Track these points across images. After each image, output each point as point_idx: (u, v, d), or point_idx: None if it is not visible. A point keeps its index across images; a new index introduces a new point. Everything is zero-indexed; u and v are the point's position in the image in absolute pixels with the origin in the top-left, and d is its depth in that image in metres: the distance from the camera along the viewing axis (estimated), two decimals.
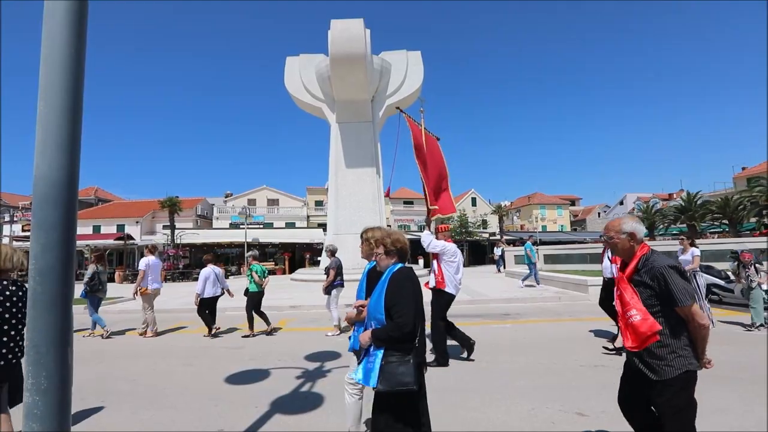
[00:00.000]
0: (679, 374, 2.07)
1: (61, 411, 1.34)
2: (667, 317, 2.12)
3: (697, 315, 2.07)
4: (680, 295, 2.05)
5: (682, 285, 2.07)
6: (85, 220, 34.53)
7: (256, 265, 7.69)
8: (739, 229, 30.83)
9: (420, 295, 2.31)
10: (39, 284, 1.31)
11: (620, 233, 2.30)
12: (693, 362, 2.10)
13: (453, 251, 5.43)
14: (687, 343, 2.12)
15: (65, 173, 1.34)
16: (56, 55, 1.36)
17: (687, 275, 2.17)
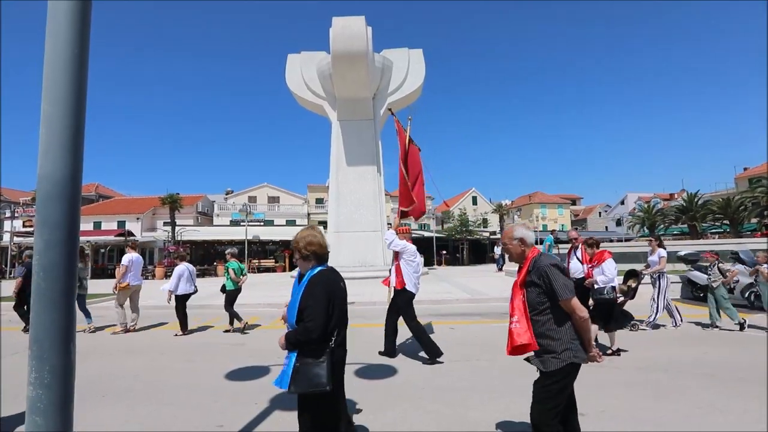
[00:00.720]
0: (564, 366, 2.23)
1: (64, 405, 1.36)
2: (555, 313, 2.28)
3: (576, 308, 2.24)
4: (560, 290, 2.23)
5: (563, 281, 2.25)
6: (86, 216, 34.58)
7: (233, 262, 7.72)
8: (740, 230, 30.81)
9: (338, 298, 2.32)
10: (43, 280, 1.33)
11: (512, 239, 2.49)
12: (579, 355, 2.26)
13: (413, 251, 5.70)
14: (574, 336, 2.27)
15: (69, 172, 1.36)
16: (60, 55, 1.37)
17: (568, 272, 2.33)
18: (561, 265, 2.34)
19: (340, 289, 2.37)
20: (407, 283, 5.47)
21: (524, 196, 59.88)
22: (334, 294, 2.29)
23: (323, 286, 2.28)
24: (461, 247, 39.62)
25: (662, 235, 39.18)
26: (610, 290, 5.34)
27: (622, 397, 3.81)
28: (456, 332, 7.09)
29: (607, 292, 5.33)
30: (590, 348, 2.31)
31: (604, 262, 5.45)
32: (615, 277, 5.41)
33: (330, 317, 2.25)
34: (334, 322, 2.25)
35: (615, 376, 4.48)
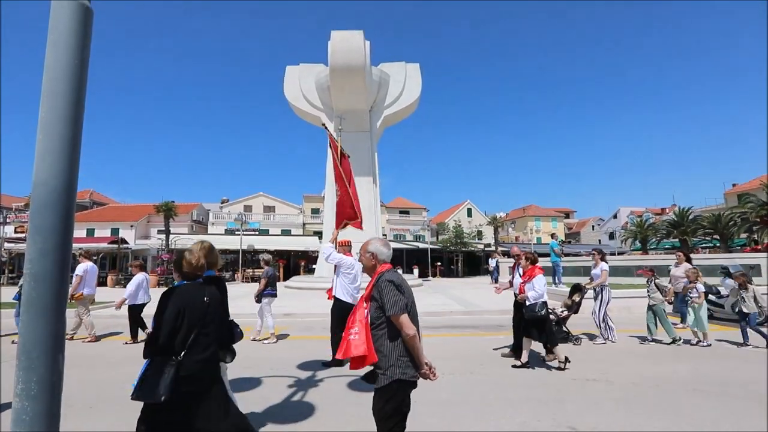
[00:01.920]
0: (390, 383, 2.22)
1: (50, 417, 1.33)
2: (389, 328, 2.29)
3: (404, 326, 2.24)
4: (389, 305, 2.25)
5: (393, 297, 2.27)
6: (80, 222, 34.20)
7: None
8: (729, 245, 31.13)
9: (194, 312, 2.35)
10: (33, 289, 1.31)
11: (366, 252, 2.56)
12: (407, 372, 2.25)
13: (350, 264, 5.91)
14: (403, 353, 2.26)
15: (64, 180, 1.36)
16: (60, 63, 1.38)
17: (404, 290, 2.34)
18: (398, 282, 2.34)
19: (199, 303, 2.40)
20: (343, 294, 5.73)
21: (518, 209, 60.24)
22: (187, 307, 2.33)
23: (173, 299, 2.35)
24: (456, 259, 39.59)
25: (653, 249, 39.54)
26: (540, 306, 5.35)
27: (615, 414, 3.79)
28: (450, 344, 7.05)
29: (538, 308, 5.34)
30: (422, 365, 2.30)
31: (534, 278, 5.48)
32: (545, 293, 5.45)
33: (177, 330, 2.29)
34: (183, 334, 2.29)
35: (608, 392, 4.46)
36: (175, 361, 2.24)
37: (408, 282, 2.46)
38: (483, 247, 40.95)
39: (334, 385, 4.73)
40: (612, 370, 5.28)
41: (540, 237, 52.59)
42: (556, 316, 7.12)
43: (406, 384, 2.26)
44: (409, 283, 2.49)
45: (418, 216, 48.48)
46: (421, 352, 2.30)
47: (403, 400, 2.29)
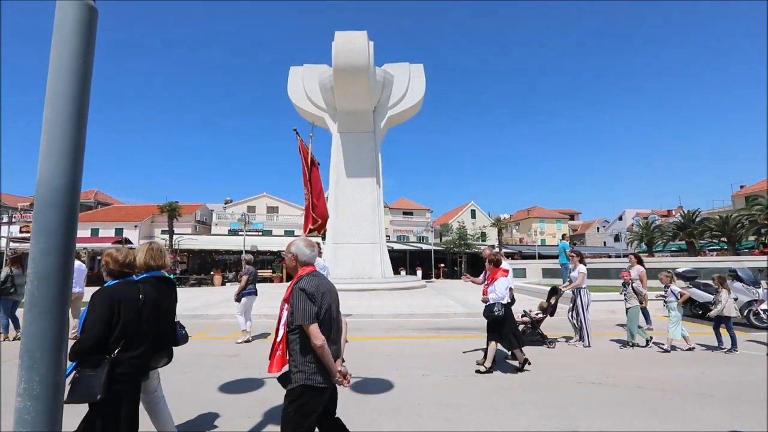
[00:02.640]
0: (295, 387, 2.27)
1: (52, 417, 1.33)
2: (302, 333, 2.28)
3: (311, 335, 2.23)
4: (296, 314, 2.25)
5: (302, 306, 2.25)
6: (84, 222, 34.44)
7: None
8: (737, 248, 30.85)
9: (128, 311, 2.36)
10: (37, 288, 1.31)
11: (288, 253, 2.52)
12: (314, 378, 2.26)
13: (321, 266, 5.92)
14: (312, 359, 2.27)
15: (68, 179, 1.36)
16: (64, 63, 1.38)
17: (317, 298, 2.30)
18: (311, 290, 2.29)
19: (133, 301, 2.42)
20: None
21: (523, 210, 60.03)
22: (121, 306, 2.34)
23: (104, 298, 2.35)
24: (459, 261, 39.52)
25: (659, 251, 39.24)
26: (499, 308, 5.32)
27: (620, 416, 3.75)
28: (453, 346, 7.02)
29: (496, 309, 5.32)
30: (333, 373, 2.30)
31: (496, 281, 5.48)
32: (506, 296, 5.44)
33: (111, 329, 2.30)
34: (118, 333, 2.31)
35: (613, 395, 4.42)
36: (109, 359, 2.26)
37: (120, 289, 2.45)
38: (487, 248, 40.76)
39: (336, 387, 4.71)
40: (618, 373, 5.23)
41: (544, 239, 52.37)
42: (530, 318, 7.17)
43: (312, 389, 2.26)
44: (330, 286, 2.46)
45: (422, 217, 48.44)
46: (331, 360, 2.28)
47: (308, 404, 2.27)
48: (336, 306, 2.45)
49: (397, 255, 30.42)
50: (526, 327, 7.13)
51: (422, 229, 45.14)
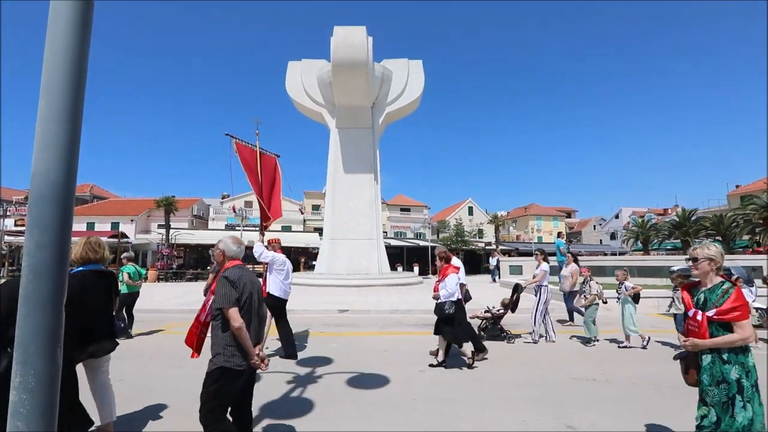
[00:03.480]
0: (214, 370, 2.46)
1: (48, 411, 1.33)
2: (223, 319, 2.50)
3: (231, 318, 2.44)
4: (218, 298, 2.49)
5: (223, 291, 2.50)
6: (80, 216, 34.26)
7: (128, 266, 7.78)
8: (731, 247, 31.08)
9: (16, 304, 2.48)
10: (31, 282, 1.30)
11: (217, 249, 2.80)
12: (232, 360, 2.45)
13: (282, 261, 6.16)
14: (230, 343, 2.46)
15: (63, 172, 1.34)
16: (59, 55, 1.36)
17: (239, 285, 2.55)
18: (234, 278, 2.54)
19: None
20: (277, 291, 5.99)
21: (520, 208, 60.15)
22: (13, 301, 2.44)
23: (9, 291, 2.44)
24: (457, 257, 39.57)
25: (655, 249, 39.48)
26: (450, 305, 5.34)
27: (614, 413, 3.79)
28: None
29: (446, 306, 5.33)
30: (251, 356, 2.49)
31: (447, 277, 5.49)
32: (456, 292, 5.45)
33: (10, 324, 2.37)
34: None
35: (607, 391, 4.46)
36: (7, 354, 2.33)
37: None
38: (484, 245, 40.94)
39: (333, 382, 4.74)
40: (611, 370, 5.28)
41: (541, 236, 52.55)
42: (492, 314, 7.29)
43: (230, 372, 2.45)
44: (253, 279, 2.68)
45: (419, 214, 48.47)
46: (249, 343, 2.47)
47: (225, 386, 2.46)
48: (258, 297, 2.65)
49: (394, 251, 30.44)
50: (487, 322, 7.28)
51: (419, 226, 45.19)
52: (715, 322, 2.41)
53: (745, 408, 2.33)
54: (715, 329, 2.42)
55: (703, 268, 2.54)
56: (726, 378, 2.37)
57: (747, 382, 2.36)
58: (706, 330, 2.43)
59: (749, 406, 2.33)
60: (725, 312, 2.38)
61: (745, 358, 2.39)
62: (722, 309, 2.39)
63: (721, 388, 2.38)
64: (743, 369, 2.37)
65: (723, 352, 2.40)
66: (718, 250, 2.55)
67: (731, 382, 2.36)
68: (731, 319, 2.36)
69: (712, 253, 2.53)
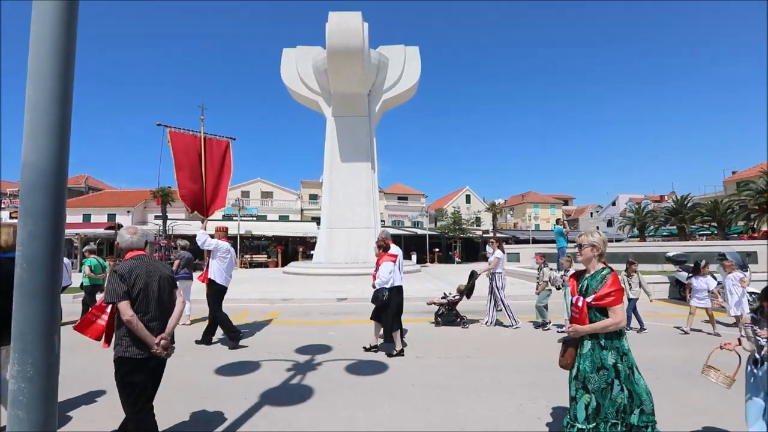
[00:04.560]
0: (116, 359, 2.57)
1: (47, 399, 1.34)
2: (118, 311, 2.55)
3: (120, 311, 2.52)
4: (106, 293, 2.58)
5: (111, 286, 2.55)
6: (76, 208, 34.08)
7: (90, 259, 7.88)
8: (727, 232, 31.31)
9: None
10: (26, 272, 1.30)
11: (118, 238, 2.87)
12: (129, 350, 2.54)
13: (225, 249, 6.23)
14: (126, 334, 2.55)
15: (54, 161, 1.33)
16: (46, 39, 1.33)
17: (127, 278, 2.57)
18: (123, 271, 2.57)
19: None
20: (217, 277, 6.08)
21: (517, 196, 60.23)
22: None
23: None
24: (454, 245, 39.76)
25: (651, 236, 39.73)
26: (384, 293, 5.37)
27: None
28: (446, 329, 7.13)
29: (381, 294, 5.38)
30: (150, 345, 2.55)
31: (381, 266, 5.54)
32: (390, 280, 5.47)
33: None
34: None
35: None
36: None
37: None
38: (481, 233, 41.08)
39: (332, 369, 4.79)
40: None
41: (538, 224, 52.75)
42: (448, 300, 7.48)
43: (129, 360, 2.55)
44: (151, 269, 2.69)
45: (417, 202, 48.45)
46: (144, 333, 2.53)
47: (128, 374, 2.56)
48: (158, 286, 2.67)
49: None
50: (443, 308, 7.42)
51: (417, 214, 45.22)
52: (594, 307, 2.48)
53: (622, 390, 2.42)
54: (593, 315, 2.49)
55: (586, 254, 2.63)
56: (605, 364, 2.45)
57: (623, 366, 2.44)
58: (585, 316, 2.50)
59: (626, 389, 2.43)
60: (601, 297, 2.45)
61: (620, 343, 2.47)
62: (598, 294, 2.47)
63: (601, 374, 2.46)
64: (618, 353, 2.46)
65: (601, 338, 2.48)
66: (601, 238, 2.64)
67: (609, 367, 2.44)
68: (606, 304, 2.43)
69: (594, 240, 2.61)
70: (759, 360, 2.54)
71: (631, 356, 2.49)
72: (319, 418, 3.42)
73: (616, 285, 2.46)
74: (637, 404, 2.43)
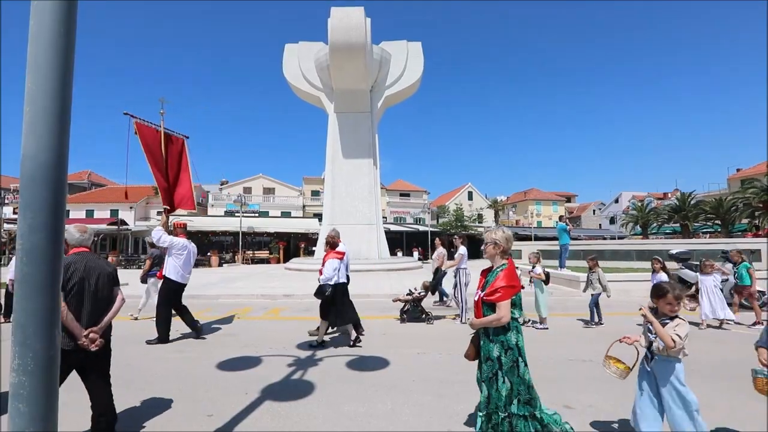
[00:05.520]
0: None
1: (48, 392, 1.33)
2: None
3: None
4: None
5: None
6: (79, 204, 34.22)
7: None
8: (731, 230, 31.18)
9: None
10: (26, 265, 1.30)
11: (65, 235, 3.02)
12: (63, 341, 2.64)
13: (181, 245, 6.17)
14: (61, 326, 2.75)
15: (54, 153, 1.32)
16: (45, 29, 1.32)
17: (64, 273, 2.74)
18: (67, 263, 2.74)
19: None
20: (171, 274, 6.05)
21: (519, 193, 60.07)
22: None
23: None
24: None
25: (654, 234, 39.60)
26: (328, 288, 5.50)
27: (610, 392, 3.85)
28: (448, 325, 7.13)
29: (326, 290, 5.49)
30: (78, 337, 2.63)
31: (326, 262, 5.67)
32: (333, 277, 5.61)
33: None
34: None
35: (604, 372, 4.51)
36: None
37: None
38: (483, 230, 40.98)
39: (333, 364, 4.80)
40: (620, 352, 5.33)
41: (540, 221, 52.63)
42: (413, 296, 7.52)
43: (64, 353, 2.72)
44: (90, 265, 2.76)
45: (419, 199, 48.40)
46: (74, 325, 2.63)
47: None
48: (96, 282, 2.74)
49: (393, 236, 30.50)
50: (409, 304, 7.46)
51: (419, 211, 45.15)
52: (486, 303, 2.58)
53: (504, 382, 2.54)
54: (486, 310, 2.60)
55: (488, 251, 2.78)
56: (490, 355, 2.59)
57: (506, 359, 2.55)
58: (479, 310, 2.63)
59: (508, 380, 2.54)
60: (489, 294, 2.56)
61: (505, 337, 2.57)
62: (487, 291, 2.58)
63: (488, 364, 2.60)
64: (503, 347, 2.57)
65: (490, 331, 2.60)
66: (504, 235, 2.76)
67: (494, 359, 2.57)
68: (492, 300, 2.53)
69: (496, 237, 2.75)
70: (649, 356, 2.69)
71: (516, 352, 2.57)
72: (318, 413, 3.42)
73: (504, 281, 2.54)
74: (515, 395, 2.54)
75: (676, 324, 2.54)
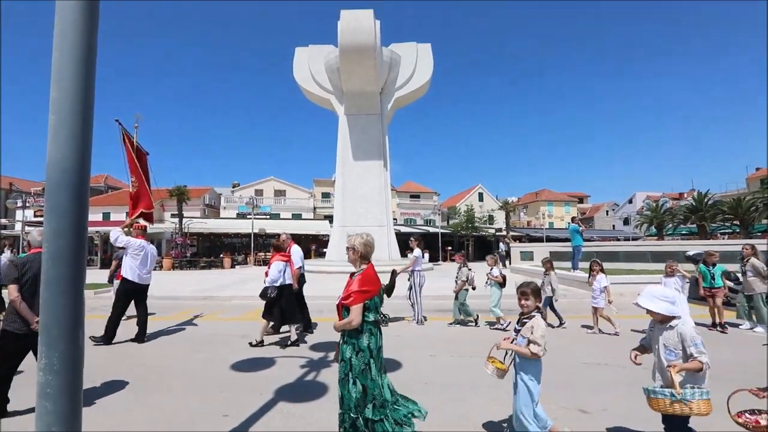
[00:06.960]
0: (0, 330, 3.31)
1: (73, 391, 1.38)
2: None
3: (8, 291, 3.24)
4: (2, 276, 3.41)
5: (5, 272, 3.30)
6: (96, 207, 34.98)
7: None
8: (750, 231, 30.35)
9: None
10: (51, 267, 1.34)
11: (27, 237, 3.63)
12: (12, 325, 3.27)
13: (138, 246, 6.23)
14: (12, 311, 3.27)
15: (77, 159, 1.36)
16: (69, 41, 1.37)
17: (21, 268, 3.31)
18: (17, 262, 3.33)
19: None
20: (128, 274, 6.12)
21: (531, 194, 59.44)
22: None
23: None
24: (467, 244, 39.50)
25: (670, 234, 38.75)
26: (272, 290, 5.74)
27: (625, 396, 3.79)
28: (457, 328, 7.10)
29: (269, 291, 5.73)
30: (30, 322, 3.20)
31: (272, 265, 5.87)
32: (278, 279, 5.82)
33: None
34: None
35: (619, 375, 4.45)
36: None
37: None
38: (494, 231, 40.72)
39: None
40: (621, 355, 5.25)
41: (552, 222, 51.98)
42: None
43: (9, 334, 3.26)
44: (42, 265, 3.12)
45: (429, 200, 48.28)
46: (26, 312, 3.20)
47: (7, 345, 3.26)
48: None
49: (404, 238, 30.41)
50: None
51: (429, 212, 45.04)
52: (344, 306, 2.67)
53: (355, 384, 2.59)
54: (345, 313, 2.68)
55: (349, 256, 2.89)
56: (344, 357, 2.67)
57: (357, 361, 2.62)
58: (339, 313, 2.72)
59: (359, 382, 2.59)
60: (344, 298, 2.67)
61: (356, 340, 2.64)
62: (343, 295, 2.69)
63: (341, 365, 2.68)
64: (354, 349, 2.63)
65: (345, 334, 2.68)
66: (362, 241, 2.85)
67: (346, 360, 2.65)
68: (347, 304, 2.63)
69: (355, 243, 2.85)
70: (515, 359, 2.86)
71: (367, 354, 2.62)
72: (332, 414, 3.44)
73: (357, 286, 2.64)
74: (369, 399, 2.58)
75: (532, 326, 2.79)
